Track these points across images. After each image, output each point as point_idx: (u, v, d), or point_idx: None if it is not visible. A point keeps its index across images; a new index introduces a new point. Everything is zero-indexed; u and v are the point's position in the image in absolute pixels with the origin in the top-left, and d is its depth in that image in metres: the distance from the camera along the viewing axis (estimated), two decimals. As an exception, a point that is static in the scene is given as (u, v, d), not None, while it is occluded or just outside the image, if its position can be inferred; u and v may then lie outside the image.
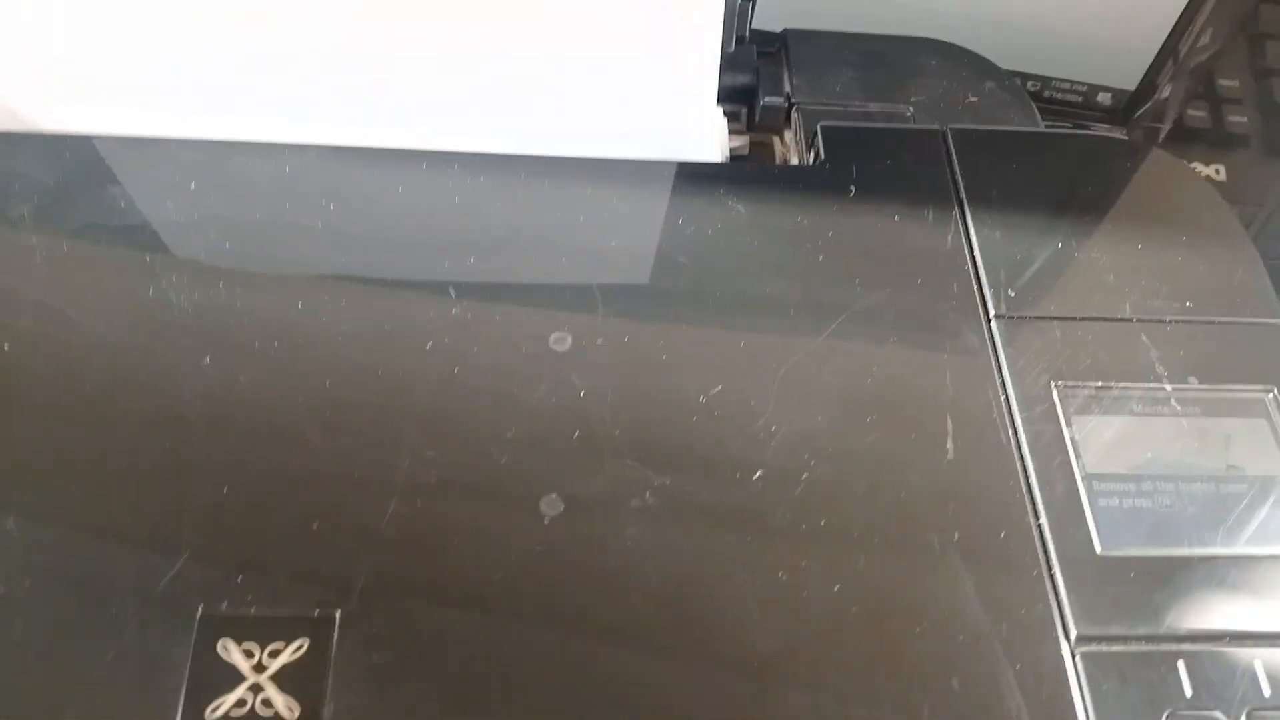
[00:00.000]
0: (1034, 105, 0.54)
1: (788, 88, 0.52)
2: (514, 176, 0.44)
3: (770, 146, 0.54)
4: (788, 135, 0.53)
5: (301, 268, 0.41)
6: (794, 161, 0.51)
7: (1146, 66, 0.63)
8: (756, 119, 0.53)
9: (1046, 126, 0.55)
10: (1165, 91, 0.65)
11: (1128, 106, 0.66)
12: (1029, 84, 0.65)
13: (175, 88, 0.44)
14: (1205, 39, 0.62)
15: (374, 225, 0.42)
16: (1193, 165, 0.66)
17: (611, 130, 0.49)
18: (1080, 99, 0.66)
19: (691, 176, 0.45)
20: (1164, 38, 0.61)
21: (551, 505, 0.36)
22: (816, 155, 0.48)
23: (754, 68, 0.53)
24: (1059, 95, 0.66)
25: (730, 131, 0.51)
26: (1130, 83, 0.65)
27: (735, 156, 0.51)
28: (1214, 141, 0.68)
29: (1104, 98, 0.66)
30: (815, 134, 0.49)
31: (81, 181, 0.42)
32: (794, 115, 0.52)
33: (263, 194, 0.42)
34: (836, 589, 0.35)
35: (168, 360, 0.37)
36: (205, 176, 0.42)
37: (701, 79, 0.49)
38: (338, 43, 0.44)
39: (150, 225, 0.41)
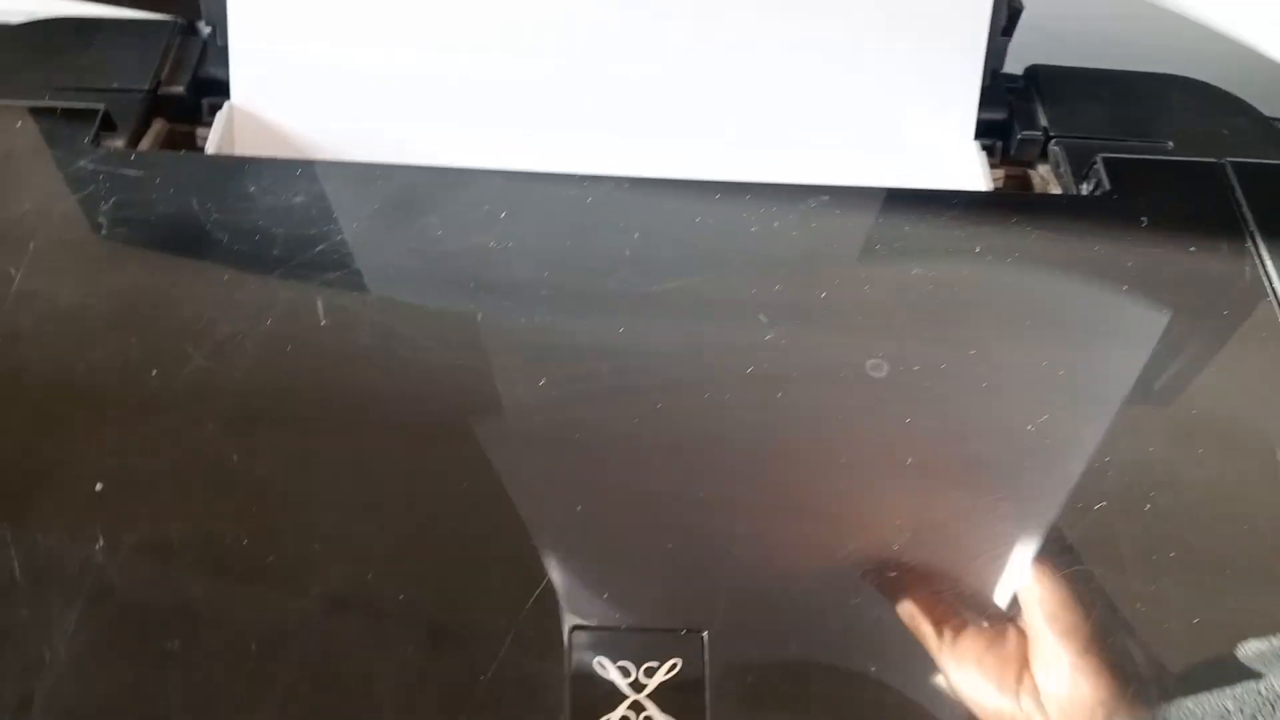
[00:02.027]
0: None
1: (1044, 121, 0.52)
2: (804, 205, 0.44)
3: (1022, 179, 0.54)
4: (1042, 168, 0.53)
5: (616, 294, 0.41)
6: (1056, 193, 0.51)
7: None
8: (1011, 152, 0.53)
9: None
10: None
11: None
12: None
13: (483, 115, 0.45)
14: None
15: (679, 253, 0.42)
16: None
17: (877, 159, 0.49)
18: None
19: (979, 205, 0.45)
20: None
21: (899, 534, 0.35)
22: (1097, 186, 0.48)
23: (1007, 103, 0.53)
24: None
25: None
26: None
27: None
28: None
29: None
30: (1092, 165, 0.48)
31: (397, 209, 0.43)
32: (1053, 149, 0.52)
33: (570, 222, 0.43)
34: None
35: (506, 383, 0.38)
36: (515, 205, 0.43)
37: (965, 108, 0.49)
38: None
39: (469, 252, 0.42)
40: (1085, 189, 0.49)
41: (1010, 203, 0.47)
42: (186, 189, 0.43)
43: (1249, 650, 0.33)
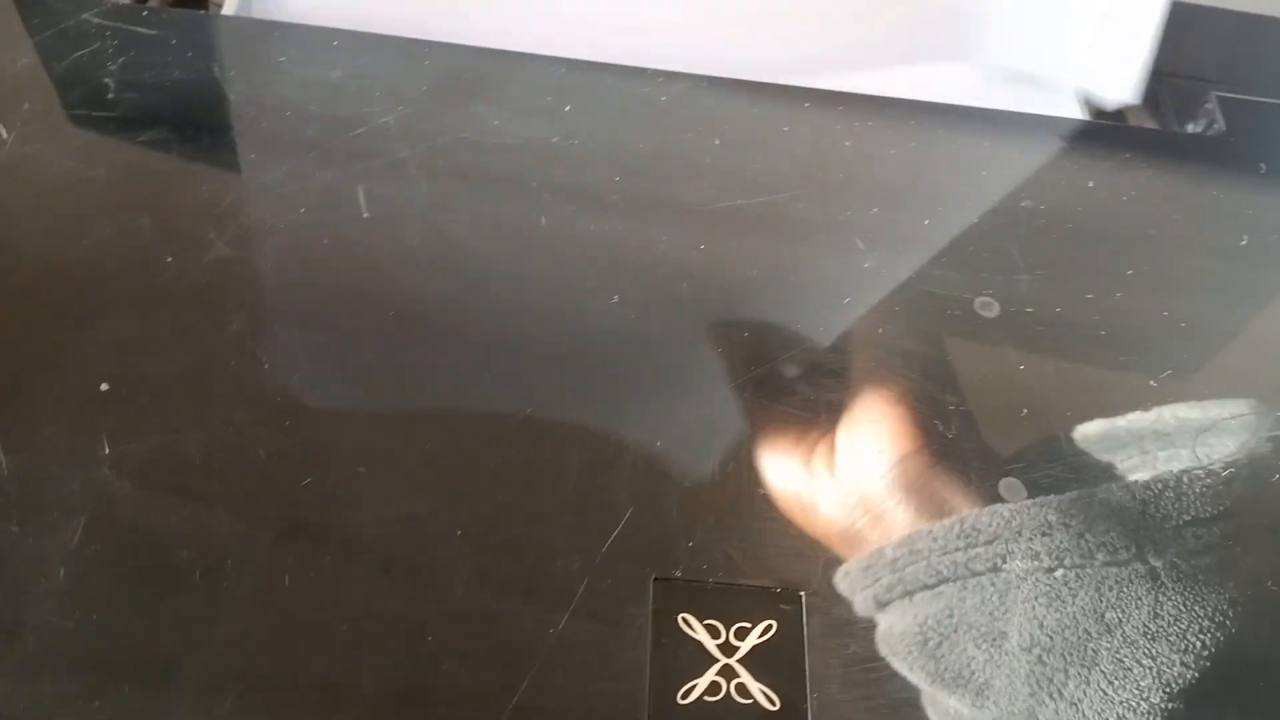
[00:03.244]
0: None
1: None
2: (904, 123, 0.40)
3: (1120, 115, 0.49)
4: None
5: (695, 205, 0.36)
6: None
7: None
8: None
9: None
10: None
11: None
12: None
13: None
14: None
15: (765, 165, 0.38)
16: None
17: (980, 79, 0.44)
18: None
19: (1092, 136, 0.41)
20: None
21: (1012, 490, 0.31)
22: (1208, 126, 0.44)
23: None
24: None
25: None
26: None
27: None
28: None
29: None
30: (1204, 105, 0.44)
31: (447, 93, 0.38)
32: (1153, 86, 0.47)
33: (643, 122, 0.38)
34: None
35: (574, 297, 0.33)
36: (580, 98, 0.38)
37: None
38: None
39: (530, 146, 0.37)
40: (1191, 128, 0.45)
41: (1124, 136, 0.42)
42: (206, 53, 0.37)
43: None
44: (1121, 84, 0.42)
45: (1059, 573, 0.28)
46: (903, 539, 0.29)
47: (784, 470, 0.31)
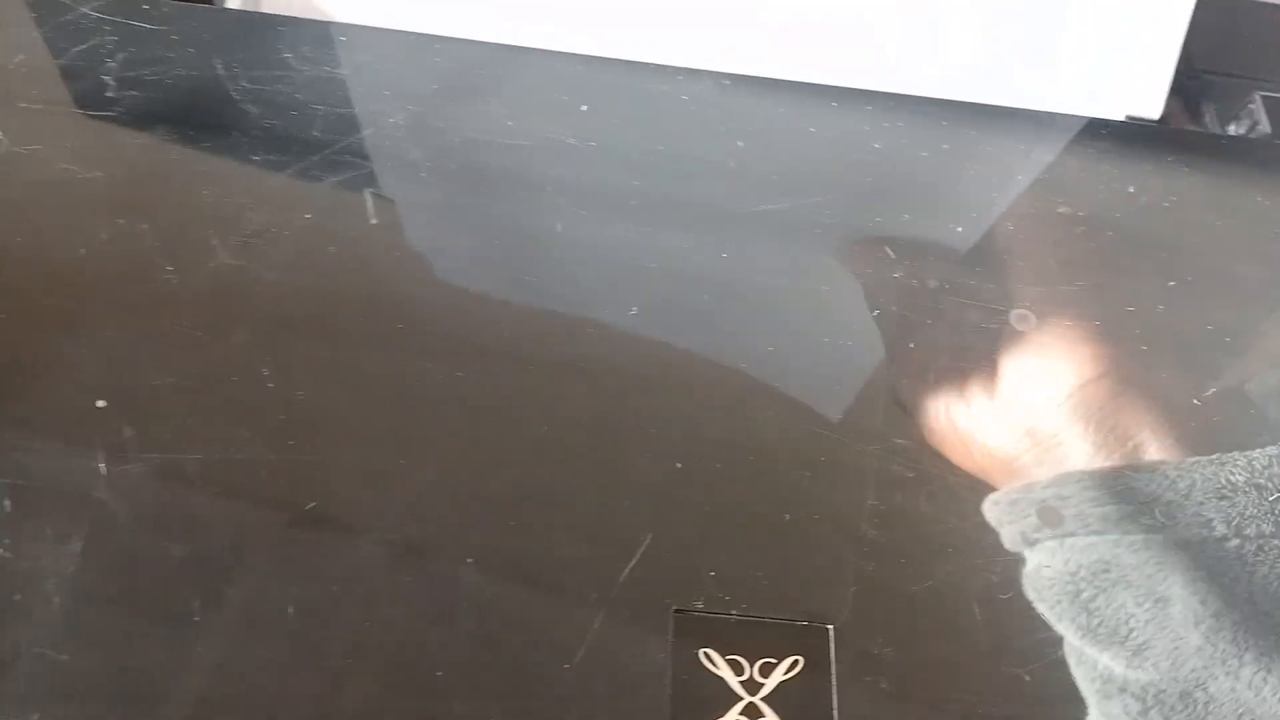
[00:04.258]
0: None
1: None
2: (935, 123, 0.38)
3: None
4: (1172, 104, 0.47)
5: (718, 210, 0.35)
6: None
7: None
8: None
9: None
10: None
11: None
12: None
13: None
14: None
15: (790, 167, 0.36)
16: None
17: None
18: None
19: (1131, 138, 0.39)
20: None
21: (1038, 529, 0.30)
22: (1252, 127, 0.42)
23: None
24: None
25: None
26: None
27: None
28: None
29: None
30: (1247, 105, 0.42)
31: (458, 90, 0.36)
32: (1188, 84, 0.45)
33: (662, 122, 0.36)
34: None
35: (590, 308, 0.32)
36: (597, 96, 0.37)
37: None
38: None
39: (544, 147, 0.35)
40: (1234, 129, 0.43)
41: (1163, 138, 0.40)
42: (209, 49, 0.36)
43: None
44: (1146, 98, 0.41)
45: (1233, 543, 0.26)
46: (1055, 478, 0.28)
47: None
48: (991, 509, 0.28)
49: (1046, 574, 0.27)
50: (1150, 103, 0.40)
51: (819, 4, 0.39)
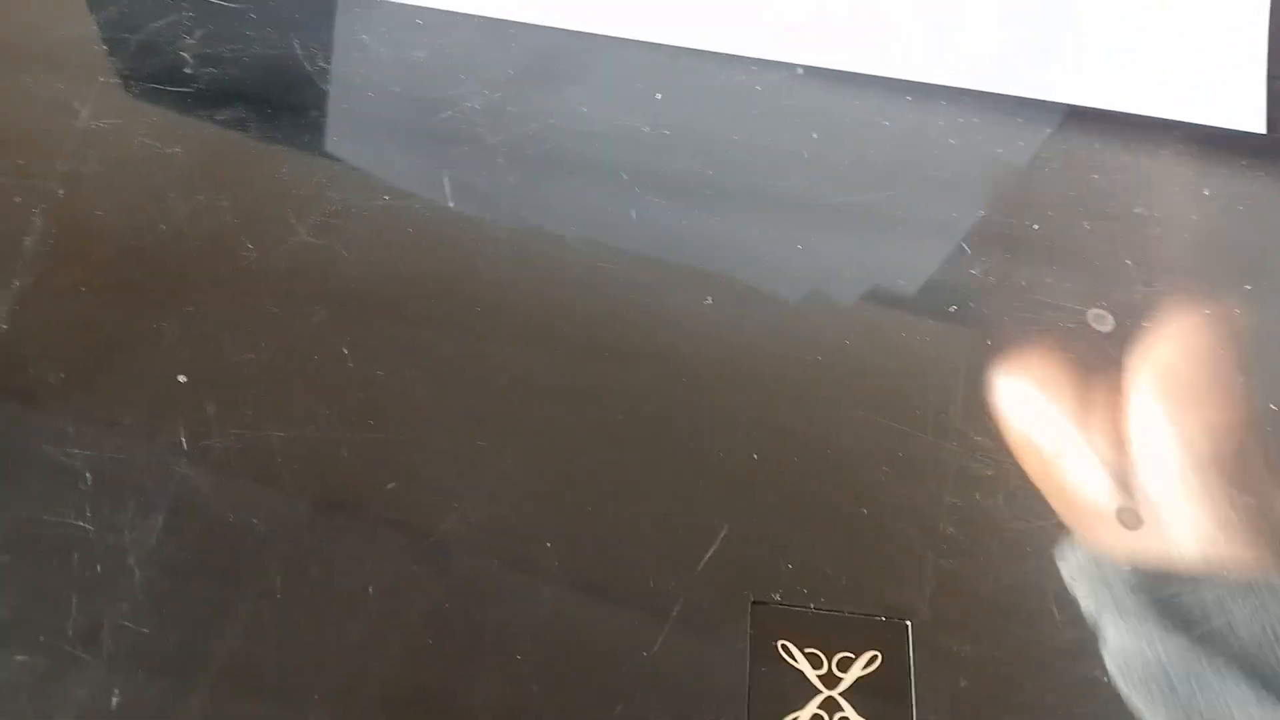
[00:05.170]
0: None
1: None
2: (1012, 120, 0.38)
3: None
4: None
5: (792, 202, 0.35)
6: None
7: None
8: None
9: None
10: None
11: None
12: None
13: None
14: None
15: (865, 160, 0.36)
16: None
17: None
18: None
19: (1208, 141, 0.39)
20: None
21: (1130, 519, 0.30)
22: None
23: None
24: None
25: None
26: None
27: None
28: None
29: None
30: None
31: (534, 76, 0.36)
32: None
33: (738, 112, 0.36)
34: None
35: (664, 297, 0.32)
36: (671, 85, 0.36)
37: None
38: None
39: (619, 135, 0.35)
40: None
41: (1238, 141, 0.40)
42: (287, 28, 0.36)
43: None
44: (1245, 112, 0.40)
45: None
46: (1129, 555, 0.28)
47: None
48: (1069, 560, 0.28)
49: (1115, 645, 0.27)
50: (1251, 116, 0.40)
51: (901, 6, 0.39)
